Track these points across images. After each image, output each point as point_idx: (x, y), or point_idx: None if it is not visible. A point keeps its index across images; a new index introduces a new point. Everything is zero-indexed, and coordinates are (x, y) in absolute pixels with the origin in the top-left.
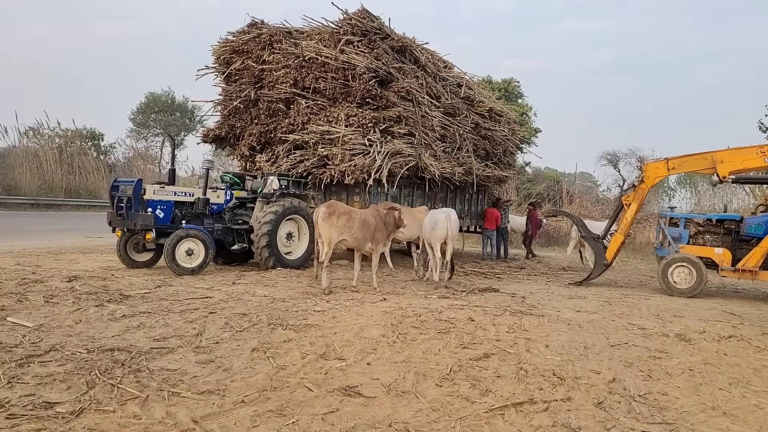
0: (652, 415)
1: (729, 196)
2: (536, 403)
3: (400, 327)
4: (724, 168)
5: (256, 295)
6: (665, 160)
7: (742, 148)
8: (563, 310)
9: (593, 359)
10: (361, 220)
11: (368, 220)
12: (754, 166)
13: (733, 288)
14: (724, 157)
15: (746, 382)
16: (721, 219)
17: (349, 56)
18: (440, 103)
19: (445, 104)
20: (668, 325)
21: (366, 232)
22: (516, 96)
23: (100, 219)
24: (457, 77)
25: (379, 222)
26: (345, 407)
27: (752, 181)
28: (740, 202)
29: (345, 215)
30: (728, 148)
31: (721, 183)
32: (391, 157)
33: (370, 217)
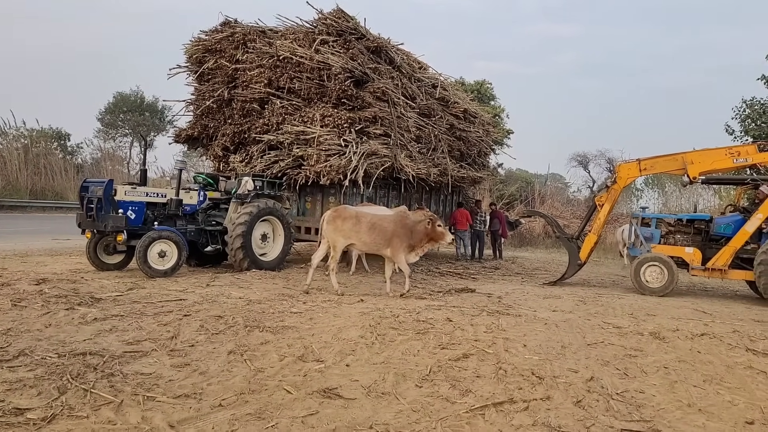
0: (630, 412)
1: (695, 197)
2: (516, 402)
3: (378, 328)
4: (695, 169)
5: (232, 297)
6: (637, 161)
7: (712, 149)
8: (539, 310)
9: (571, 358)
10: (370, 224)
11: (382, 224)
12: (722, 167)
13: (703, 287)
14: (695, 158)
15: (720, 379)
16: (692, 219)
17: (325, 56)
18: (415, 103)
19: (421, 105)
20: (642, 323)
21: (377, 236)
22: (489, 98)
23: (68, 221)
24: (432, 78)
25: (399, 228)
26: (325, 409)
27: (721, 181)
28: (705, 202)
29: (351, 219)
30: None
31: (692, 183)
32: (367, 158)
33: (388, 221)
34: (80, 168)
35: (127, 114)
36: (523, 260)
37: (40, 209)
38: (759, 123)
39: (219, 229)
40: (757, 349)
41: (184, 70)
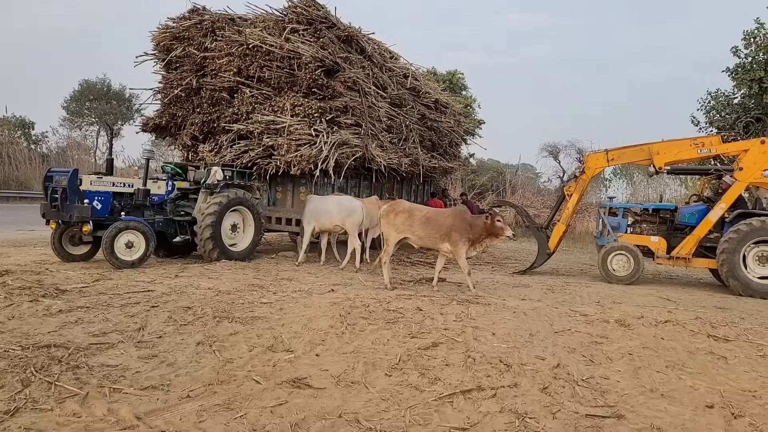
0: (594, 398)
1: (662, 187)
2: (484, 389)
3: (348, 318)
4: (660, 159)
5: (201, 288)
6: (605, 152)
7: (677, 140)
8: (508, 299)
9: (538, 346)
10: (425, 219)
11: (437, 218)
12: (687, 158)
13: (668, 275)
14: (660, 148)
15: (682, 365)
16: (657, 208)
17: (295, 45)
18: (387, 93)
19: (392, 95)
20: (608, 311)
21: (432, 230)
22: (460, 88)
23: (32, 211)
24: (403, 68)
25: (458, 222)
26: (294, 399)
27: (686, 171)
28: (672, 192)
29: (404, 213)
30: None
31: (657, 174)
32: (338, 148)
33: (445, 216)
34: (45, 157)
35: (93, 102)
36: (493, 249)
37: (4, 199)
38: (723, 114)
39: (188, 220)
40: (718, 335)
41: (151, 57)
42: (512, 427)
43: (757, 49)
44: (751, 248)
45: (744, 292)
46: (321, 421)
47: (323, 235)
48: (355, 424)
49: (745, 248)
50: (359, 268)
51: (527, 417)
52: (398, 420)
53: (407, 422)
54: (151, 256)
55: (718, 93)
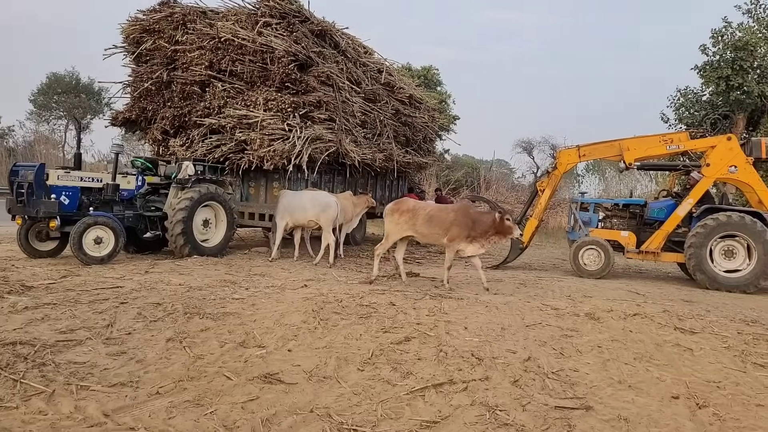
0: (564, 390)
1: (633, 183)
2: (456, 383)
3: (321, 313)
4: (630, 155)
5: (171, 284)
6: (577, 148)
7: (646, 136)
8: (481, 293)
9: (510, 339)
10: (428, 216)
11: (440, 215)
12: (656, 154)
13: (638, 269)
14: (630, 144)
15: (649, 357)
16: (627, 204)
17: (268, 39)
18: (361, 88)
19: (366, 90)
20: (579, 305)
21: (435, 227)
22: (435, 84)
23: None
24: (377, 63)
25: (461, 218)
26: (265, 395)
27: (655, 167)
28: (643, 188)
29: (408, 212)
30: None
31: (628, 169)
32: (312, 143)
33: (447, 212)
34: (12, 152)
35: (61, 96)
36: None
37: None
38: (692, 111)
39: (159, 215)
40: (684, 327)
41: (121, 50)
42: (483, 419)
43: (724, 47)
44: (717, 242)
45: (710, 285)
46: (292, 417)
47: (297, 231)
48: (326, 419)
49: (712, 242)
50: (333, 263)
51: (498, 410)
52: (370, 414)
53: (379, 416)
54: (121, 252)
55: (687, 90)
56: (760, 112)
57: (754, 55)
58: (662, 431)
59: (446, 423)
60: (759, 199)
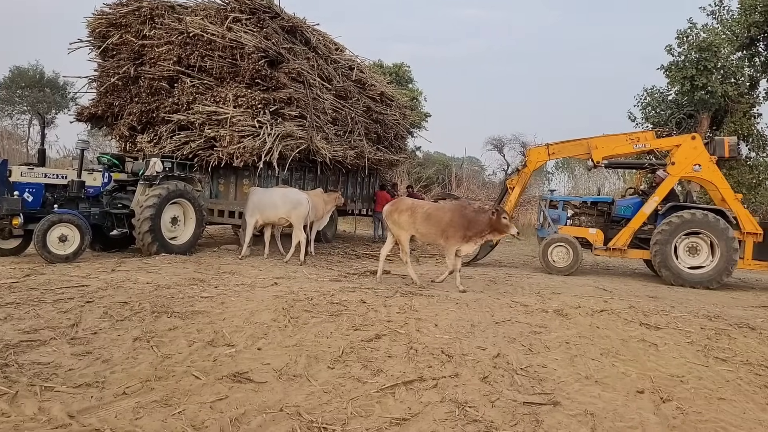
0: (532, 386)
1: (602, 181)
2: (425, 380)
3: (291, 311)
4: (598, 153)
5: (138, 283)
6: (546, 146)
7: (614, 135)
8: (451, 290)
9: (479, 336)
10: (425, 215)
11: (437, 214)
12: (623, 152)
13: (605, 266)
14: (598, 143)
15: (615, 352)
16: (595, 201)
17: (237, 34)
18: (332, 85)
19: (337, 87)
20: (548, 301)
21: (432, 227)
22: (407, 81)
23: None
24: (348, 60)
25: (456, 217)
26: (234, 394)
27: (622, 165)
28: (611, 186)
29: (407, 211)
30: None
31: (596, 167)
32: (282, 140)
33: (444, 211)
34: None
35: (25, 90)
36: None
37: None
38: (658, 111)
39: (126, 212)
40: (650, 323)
41: (87, 44)
42: (452, 416)
43: (689, 48)
44: (682, 239)
45: (675, 281)
46: (262, 415)
47: (267, 228)
48: (296, 418)
49: (677, 239)
50: (304, 261)
51: (467, 406)
52: (340, 412)
53: (349, 414)
54: (87, 250)
55: (654, 90)
56: (724, 112)
57: (718, 56)
58: (627, 425)
59: (416, 420)
60: (722, 197)
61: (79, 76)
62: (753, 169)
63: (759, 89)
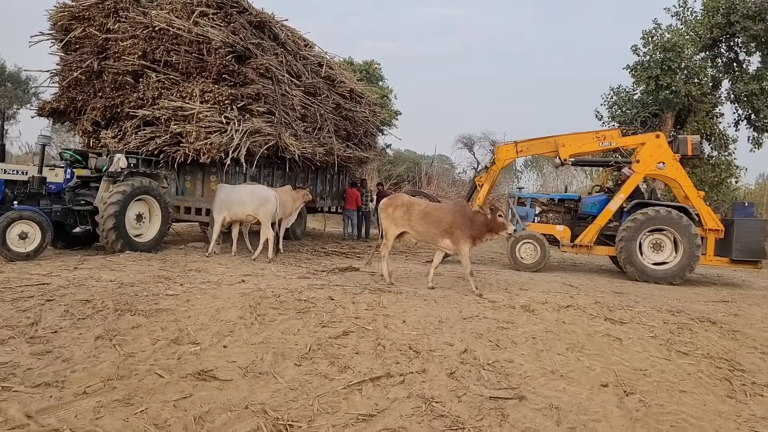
0: (499, 381)
1: (570, 179)
2: (393, 376)
3: (258, 308)
4: (565, 151)
5: (102, 281)
6: (514, 144)
7: (580, 133)
8: (420, 287)
9: (447, 332)
10: (423, 213)
11: (437, 213)
12: (590, 150)
13: (572, 262)
14: (565, 141)
15: (581, 347)
16: (562, 198)
17: (204, 29)
18: (301, 82)
19: (306, 83)
20: (515, 297)
21: (431, 226)
22: (377, 78)
23: None
24: (317, 56)
25: (460, 218)
26: (199, 392)
27: (589, 163)
28: (579, 183)
29: (402, 207)
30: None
31: (563, 165)
32: (250, 136)
33: (445, 211)
34: None
35: None
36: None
37: None
38: (624, 110)
39: (89, 209)
40: (614, 318)
41: (49, 38)
42: (419, 411)
43: (654, 48)
44: (646, 236)
45: (640, 277)
46: (226, 413)
47: (235, 226)
48: (261, 415)
49: (641, 236)
50: (272, 258)
51: (434, 401)
52: (306, 409)
53: (315, 411)
54: (49, 248)
55: (620, 89)
56: (687, 111)
57: (682, 56)
58: (591, 418)
59: (383, 416)
60: (685, 195)
61: (42, 70)
62: (715, 168)
63: (721, 89)
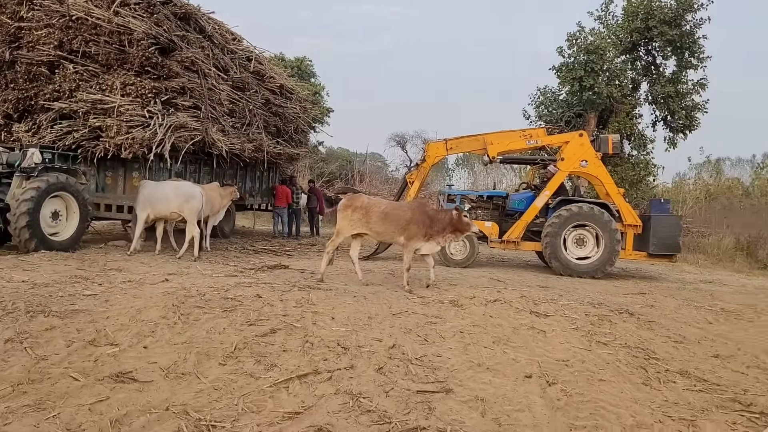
0: (426, 375)
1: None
2: (320, 373)
3: (182, 307)
4: (494, 149)
5: (13, 281)
6: (444, 141)
7: (508, 131)
8: (350, 284)
9: (376, 328)
10: (383, 213)
11: (396, 213)
12: (517, 148)
13: (500, 257)
14: (494, 139)
15: (507, 340)
16: (491, 195)
17: (125, 19)
18: (229, 76)
19: (234, 78)
20: (444, 293)
21: (390, 225)
22: (309, 75)
23: None
24: (246, 51)
25: (417, 215)
26: (117, 394)
27: (516, 161)
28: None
29: (361, 210)
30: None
31: (491, 163)
32: (175, 131)
33: (403, 210)
34: None
35: None
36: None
37: None
38: (550, 109)
39: (0, 207)
40: (539, 311)
41: None
42: (346, 407)
43: (578, 50)
44: (570, 232)
45: (564, 271)
46: (146, 416)
47: (159, 223)
48: (183, 416)
49: (566, 232)
50: (198, 256)
51: (361, 397)
52: (230, 409)
53: (240, 410)
54: None
55: (546, 89)
56: (609, 112)
57: (604, 59)
58: (515, 409)
59: (309, 413)
60: (606, 192)
61: None
62: (635, 166)
63: (640, 91)
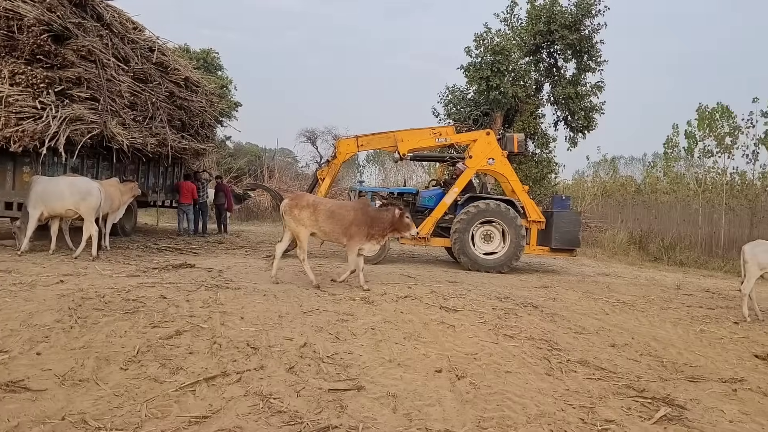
0: (338, 373)
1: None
2: (229, 375)
3: (79, 310)
4: (404, 146)
5: None
6: (355, 138)
7: (418, 129)
8: (260, 282)
9: (287, 327)
10: (328, 212)
11: (341, 212)
12: (427, 145)
13: (411, 254)
14: (404, 136)
15: (417, 336)
16: (401, 192)
17: (14, 3)
18: (129, 67)
19: (136, 69)
20: (355, 290)
21: (336, 225)
22: (216, 68)
23: None
24: (148, 41)
25: (360, 215)
26: (6, 405)
27: (426, 158)
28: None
29: (308, 208)
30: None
31: (402, 160)
32: (70, 124)
33: (347, 209)
34: None
35: None
36: (248, 234)
37: None
38: (459, 108)
39: None
40: (448, 306)
41: None
42: (256, 409)
43: (485, 51)
44: (478, 228)
45: (472, 267)
46: (39, 426)
47: (54, 221)
48: (80, 426)
49: (473, 228)
50: (96, 256)
51: (272, 398)
52: (133, 416)
53: (143, 417)
54: None
55: (455, 88)
56: (514, 111)
57: (509, 60)
58: (426, 403)
59: (217, 417)
60: (512, 189)
61: None
62: (538, 164)
63: (543, 92)
